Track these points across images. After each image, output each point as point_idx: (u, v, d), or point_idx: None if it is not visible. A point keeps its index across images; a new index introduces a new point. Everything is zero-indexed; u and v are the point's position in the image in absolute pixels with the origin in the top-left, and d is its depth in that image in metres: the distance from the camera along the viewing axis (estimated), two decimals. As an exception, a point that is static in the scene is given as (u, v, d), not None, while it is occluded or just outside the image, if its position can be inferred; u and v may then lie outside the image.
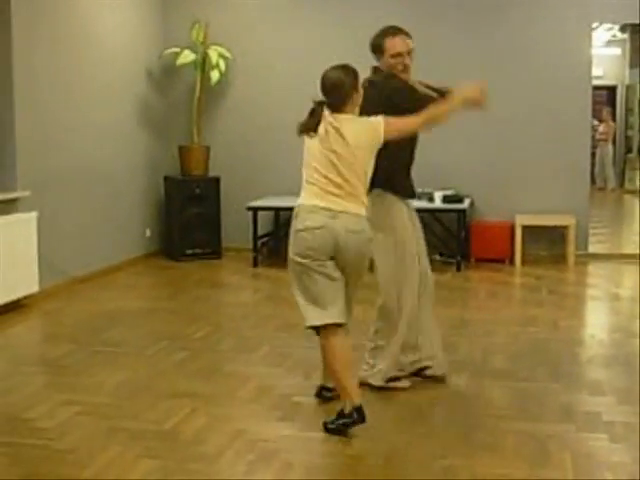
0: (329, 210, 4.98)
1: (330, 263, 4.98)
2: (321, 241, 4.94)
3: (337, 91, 5.03)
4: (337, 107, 5.04)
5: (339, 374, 5.01)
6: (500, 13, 10.72)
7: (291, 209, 11.32)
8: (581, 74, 10.67)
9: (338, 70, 5.07)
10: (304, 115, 5.22)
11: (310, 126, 5.12)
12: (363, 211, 5.03)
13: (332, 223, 4.94)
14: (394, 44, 5.58)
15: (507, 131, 10.76)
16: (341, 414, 4.96)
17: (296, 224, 5.11)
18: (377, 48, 5.66)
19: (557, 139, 10.74)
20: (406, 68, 5.60)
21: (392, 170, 5.58)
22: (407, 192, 5.81)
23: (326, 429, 5.00)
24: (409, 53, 5.61)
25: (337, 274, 5.01)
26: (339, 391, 5.08)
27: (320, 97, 5.13)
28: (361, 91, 5.09)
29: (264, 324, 7.63)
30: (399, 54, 5.57)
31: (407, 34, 5.66)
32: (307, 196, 5.19)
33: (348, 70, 5.06)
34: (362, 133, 5.01)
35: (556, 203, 10.77)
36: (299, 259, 5.00)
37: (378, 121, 5.04)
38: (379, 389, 5.69)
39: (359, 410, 4.92)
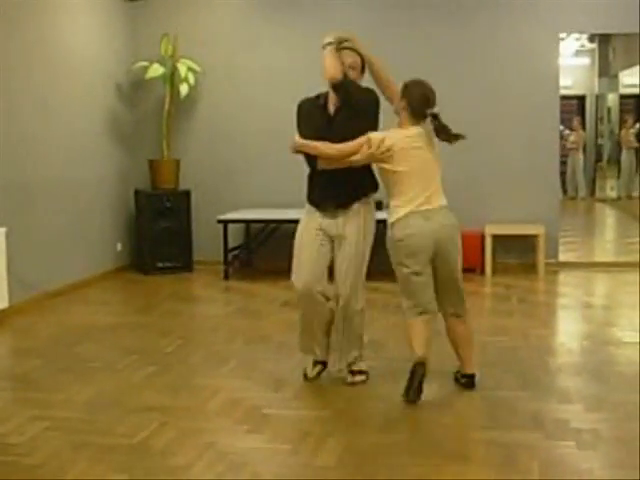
0: None
1: None
2: None
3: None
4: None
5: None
6: (468, 23, 10.79)
7: (262, 221, 11.29)
8: (549, 84, 10.76)
9: None
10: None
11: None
12: None
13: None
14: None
15: (476, 141, 10.73)
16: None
17: None
18: None
19: (526, 148, 10.82)
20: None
21: None
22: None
23: None
24: (351, 67, 5.90)
25: None
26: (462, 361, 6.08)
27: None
28: None
29: (234, 337, 7.62)
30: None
31: (358, 54, 5.97)
32: None
33: None
34: None
35: (526, 212, 10.83)
36: None
37: None
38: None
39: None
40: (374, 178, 6.03)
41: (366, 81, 6.03)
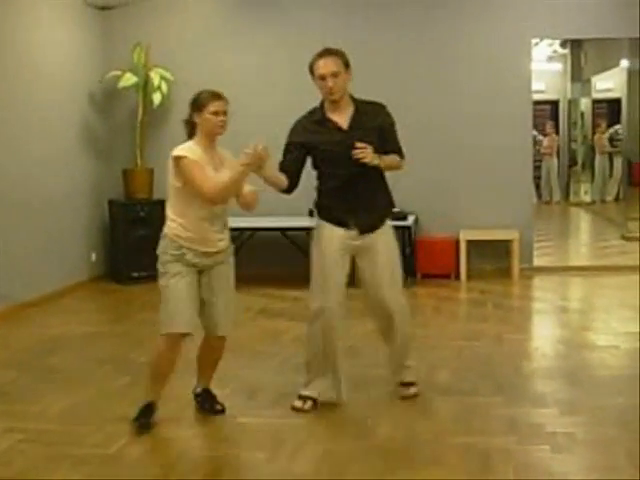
0: None
1: None
2: None
3: None
4: None
5: None
6: (440, 29, 10.81)
7: (237, 229, 11.22)
8: (522, 89, 10.79)
9: None
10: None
11: None
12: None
13: None
14: (318, 66, 5.46)
15: (449, 147, 10.82)
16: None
17: None
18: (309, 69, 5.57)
19: (500, 154, 10.82)
20: (332, 91, 5.45)
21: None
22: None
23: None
24: (334, 75, 5.41)
25: None
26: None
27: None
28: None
29: (210, 345, 7.59)
30: (322, 77, 5.44)
31: (337, 55, 5.47)
32: None
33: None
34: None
35: (500, 217, 10.85)
36: None
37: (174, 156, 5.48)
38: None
39: None
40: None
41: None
